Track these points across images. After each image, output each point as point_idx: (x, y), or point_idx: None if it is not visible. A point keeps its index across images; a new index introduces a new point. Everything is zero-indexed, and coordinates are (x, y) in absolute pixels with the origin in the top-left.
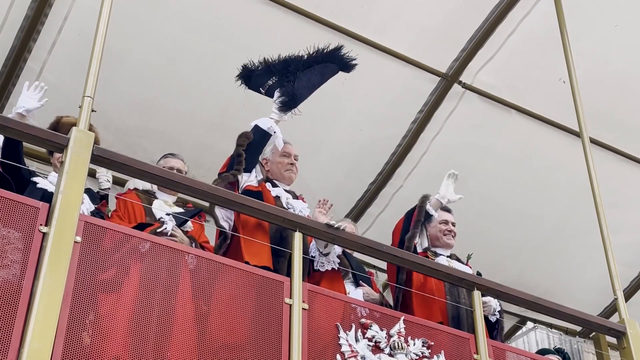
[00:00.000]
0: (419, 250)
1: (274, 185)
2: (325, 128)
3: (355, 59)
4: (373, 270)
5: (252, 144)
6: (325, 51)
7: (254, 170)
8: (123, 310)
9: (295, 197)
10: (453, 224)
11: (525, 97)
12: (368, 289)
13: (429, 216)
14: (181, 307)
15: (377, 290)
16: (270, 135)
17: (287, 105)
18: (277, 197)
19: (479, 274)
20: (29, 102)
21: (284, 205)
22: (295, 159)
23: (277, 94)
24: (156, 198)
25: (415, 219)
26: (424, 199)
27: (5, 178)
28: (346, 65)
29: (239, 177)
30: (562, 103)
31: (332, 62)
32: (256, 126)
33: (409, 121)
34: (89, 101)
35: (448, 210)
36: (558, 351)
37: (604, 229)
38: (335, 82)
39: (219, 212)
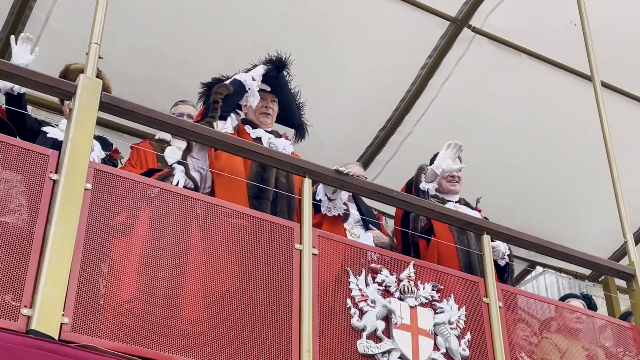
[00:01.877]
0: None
1: (254, 127)
2: (333, 75)
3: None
4: (382, 216)
5: (230, 95)
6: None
7: (228, 117)
8: (133, 257)
9: (279, 135)
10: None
11: (535, 40)
12: (377, 232)
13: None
14: (190, 253)
15: (386, 234)
16: (246, 91)
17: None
18: (258, 139)
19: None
20: (23, 57)
21: (266, 146)
22: (271, 104)
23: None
24: (170, 145)
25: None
26: (420, 171)
27: (11, 128)
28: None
29: (214, 124)
30: (573, 46)
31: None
32: (234, 79)
33: (418, 67)
34: (95, 48)
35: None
36: (585, 297)
37: (615, 172)
38: (344, 28)
39: (191, 161)
